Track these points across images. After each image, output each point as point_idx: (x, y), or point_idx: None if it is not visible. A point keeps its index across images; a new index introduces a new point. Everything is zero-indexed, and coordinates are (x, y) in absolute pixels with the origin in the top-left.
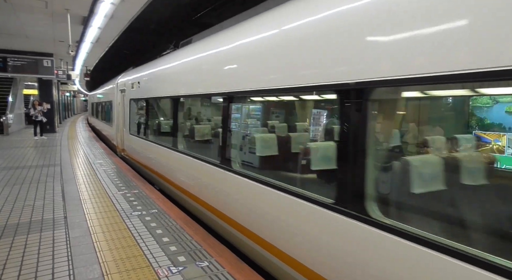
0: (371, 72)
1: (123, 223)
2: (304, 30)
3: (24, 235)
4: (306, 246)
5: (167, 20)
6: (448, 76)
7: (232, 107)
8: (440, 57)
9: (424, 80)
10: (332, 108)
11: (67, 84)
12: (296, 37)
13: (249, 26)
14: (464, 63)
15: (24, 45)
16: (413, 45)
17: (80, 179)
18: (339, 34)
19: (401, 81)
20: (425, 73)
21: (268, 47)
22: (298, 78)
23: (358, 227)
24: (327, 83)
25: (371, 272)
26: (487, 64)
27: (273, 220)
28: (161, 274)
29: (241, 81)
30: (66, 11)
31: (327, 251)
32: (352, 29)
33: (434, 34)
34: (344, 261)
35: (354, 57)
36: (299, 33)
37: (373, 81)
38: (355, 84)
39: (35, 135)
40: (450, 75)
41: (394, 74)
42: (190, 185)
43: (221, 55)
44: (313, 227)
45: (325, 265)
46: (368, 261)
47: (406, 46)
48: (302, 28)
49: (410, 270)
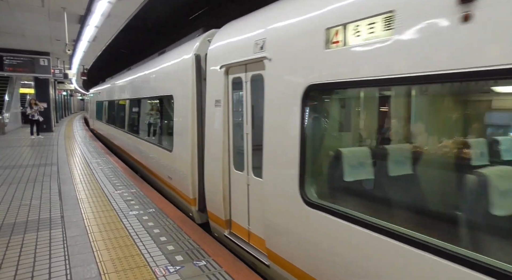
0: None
1: (120, 223)
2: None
3: (21, 235)
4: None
5: (164, 19)
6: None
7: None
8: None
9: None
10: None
11: (64, 83)
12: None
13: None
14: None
15: (20, 43)
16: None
17: (77, 178)
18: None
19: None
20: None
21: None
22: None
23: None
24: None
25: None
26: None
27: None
28: (158, 274)
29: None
30: (62, 9)
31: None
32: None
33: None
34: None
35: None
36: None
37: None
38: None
39: (32, 134)
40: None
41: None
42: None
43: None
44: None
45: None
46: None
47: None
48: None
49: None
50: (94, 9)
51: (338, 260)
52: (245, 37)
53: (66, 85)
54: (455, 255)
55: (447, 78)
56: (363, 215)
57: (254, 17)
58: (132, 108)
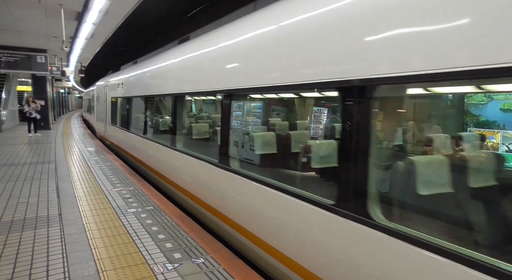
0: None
1: (119, 220)
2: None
3: (18, 233)
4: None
5: (163, 16)
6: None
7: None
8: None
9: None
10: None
11: (61, 81)
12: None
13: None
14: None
15: (17, 40)
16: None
17: (75, 176)
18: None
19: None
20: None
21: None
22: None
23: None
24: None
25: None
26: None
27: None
28: (156, 271)
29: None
30: (59, 6)
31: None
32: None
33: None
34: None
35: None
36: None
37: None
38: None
39: (29, 132)
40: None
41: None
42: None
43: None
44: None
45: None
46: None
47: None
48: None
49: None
50: (92, 6)
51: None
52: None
53: (63, 82)
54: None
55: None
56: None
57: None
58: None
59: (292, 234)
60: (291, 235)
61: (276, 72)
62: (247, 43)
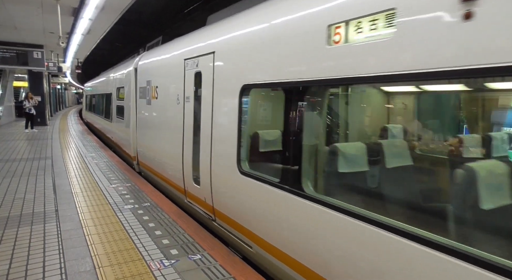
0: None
1: (115, 217)
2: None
3: (15, 228)
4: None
5: (159, 13)
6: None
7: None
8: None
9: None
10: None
11: (58, 77)
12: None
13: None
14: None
15: (13, 36)
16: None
17: (71, 172)
18: None
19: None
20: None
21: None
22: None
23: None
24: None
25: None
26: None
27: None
28: (153, 267)
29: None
30: (56, 1)
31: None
32: None
33: None
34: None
35: None
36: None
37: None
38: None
39: (26, 128)
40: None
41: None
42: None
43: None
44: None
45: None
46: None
47: None
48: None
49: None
50: (88, 2)
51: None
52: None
53: (60, 78)
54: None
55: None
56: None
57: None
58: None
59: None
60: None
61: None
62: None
